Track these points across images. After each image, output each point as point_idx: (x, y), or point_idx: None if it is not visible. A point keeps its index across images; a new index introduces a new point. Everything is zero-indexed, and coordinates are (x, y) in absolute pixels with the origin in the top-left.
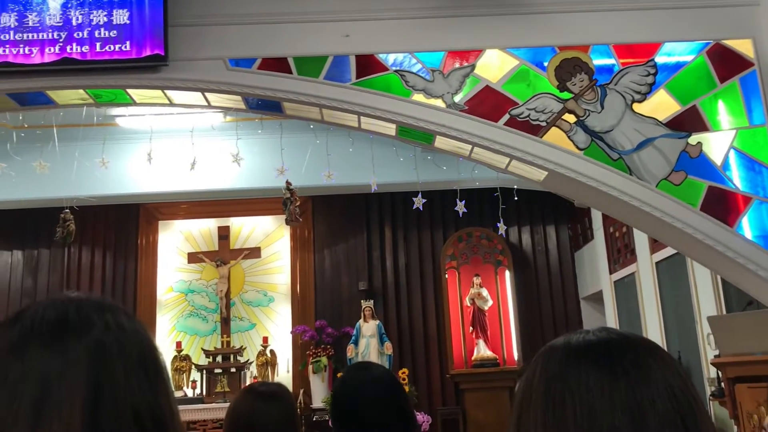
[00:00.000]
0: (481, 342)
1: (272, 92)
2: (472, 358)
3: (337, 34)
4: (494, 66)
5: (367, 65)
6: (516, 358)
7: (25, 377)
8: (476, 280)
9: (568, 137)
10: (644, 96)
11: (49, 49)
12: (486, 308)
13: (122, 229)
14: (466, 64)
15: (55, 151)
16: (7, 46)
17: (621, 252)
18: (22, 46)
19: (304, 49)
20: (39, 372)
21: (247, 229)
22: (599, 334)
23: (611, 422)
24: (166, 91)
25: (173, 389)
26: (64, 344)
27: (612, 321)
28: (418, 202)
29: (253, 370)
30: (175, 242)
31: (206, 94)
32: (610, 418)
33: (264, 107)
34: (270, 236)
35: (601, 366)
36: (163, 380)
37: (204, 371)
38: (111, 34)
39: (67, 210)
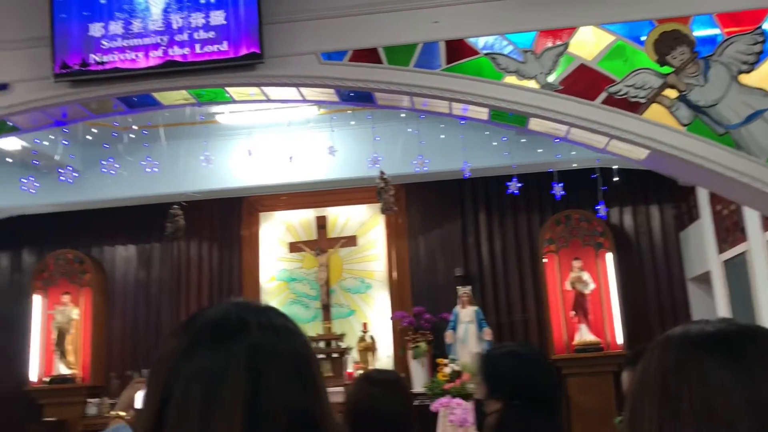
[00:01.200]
0: (583, 326)
1: (363, 83)
2: (574, 342)
3: (425, 21)
4: (589, 43)
5: (457, 50)
6: (620, 342)
7: (194, 377)
8: (576, 264)
9: (671, 113)
10: (752, 66)
11: (153, 53)
12: (587, 292)
13: (226, 221)
14: (559, 42)
15: (163, 150)
16: (116, 52)
17: (729, 231)
18: (128, 51)
19: (394, 39)
20: (205, 373)
21: (343, 218)
22: (719, 324)
23: (731, 418)
24: (262, 87)
25: (325, 388)
26: (226, 346)
27: (722, 302)
28: (513, 186)
29: (355, 355)
30: (276, 233)
31: (300, 88)
32: (731, 414)
33: (356, 99)
34: (365, 225)
35: (721, 358)
36: (315, 381)
37: None
38: (209, 35)
39: (176, 206)
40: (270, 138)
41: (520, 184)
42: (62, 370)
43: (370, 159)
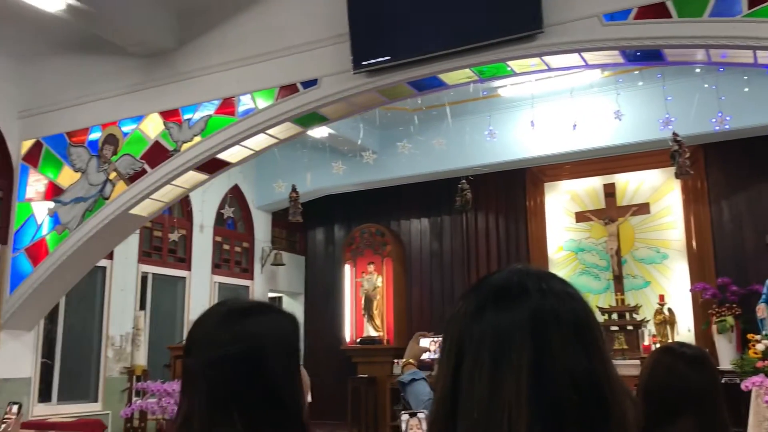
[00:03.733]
0: None
1: (651, 41)
2: None
3: None
4: None
5: None
6: None
7: (483, 339)
8: None
9: None
10: None
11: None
12: None
13: (511, 193)
14: None
15: (449, 128)
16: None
17: None
18: (416, 37)
19: None
20: (492, 335)
21: (633, 184)
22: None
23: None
24: (543, 57)
25: (609, 354)
26: (509, 310)
27: None
28: None
29: (651, 328)
30: (562, 202)
31: (582, 54)
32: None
33: (643, 58)
34: (658, 191)
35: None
36: (597, 345)
37: None
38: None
39: (464, 180)
40: (552, 107)
41: None
42: (371, 332)
43: (662, 120)
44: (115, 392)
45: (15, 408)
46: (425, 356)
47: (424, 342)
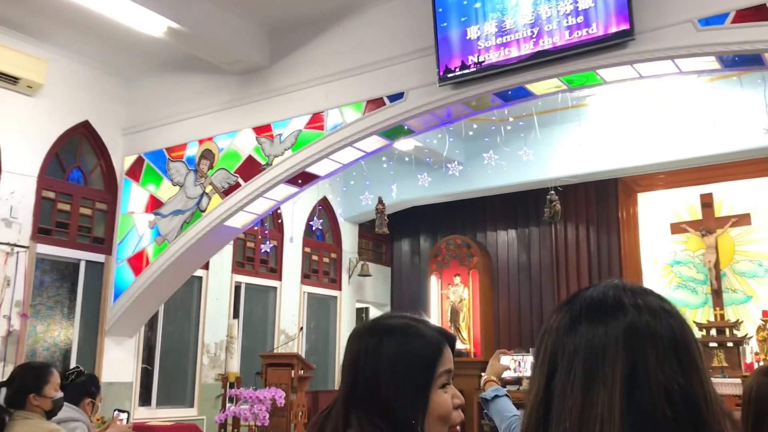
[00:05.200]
0: None
1: (751, 45)
2: None
3: None
4: None
5: None
6: None
7: (576, 353)
8: None
9: None
10: None
11: (525, 47)
12: None
13: (602, 204)
14: None
15: (537, 138)
16: (491, 50)
17: None
18: (502, 48)
19: None
20: (586, 348)
21: (732, 194)
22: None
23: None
24: (634, 65)
25: (707, 372)
26: (604, 325)
27: None
28: None
29: (753, 345)
30: (657, 213)
31: (676, 60)
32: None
33: (741, 63)
34: (761, 201)
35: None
36: (694, 362)
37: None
38: (578, 20)
39: (552, 191)
40: (644, 115)
41: None
42: (457, 344)
43: (764, 128)
44: (210, 398)
45: (123, 416)
46: (506, 374)
47: (505, 360)
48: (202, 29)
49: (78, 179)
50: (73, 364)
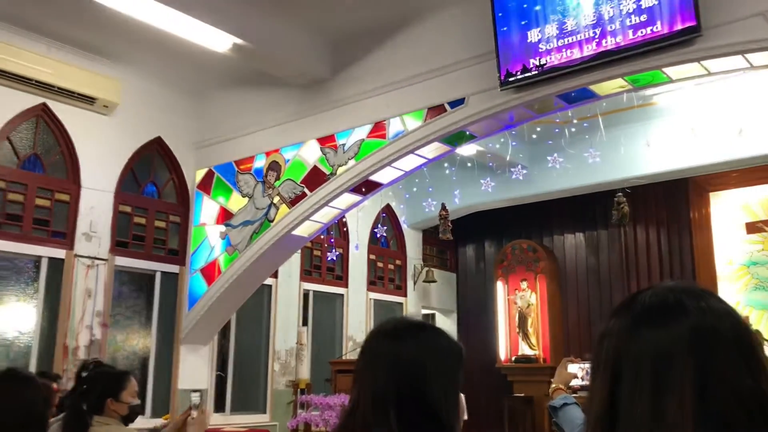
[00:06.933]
0: None
1: None
2: None
3: None
4: None
5: None
6: None
7: (641, 358)
8: None
9: None
10: None
11: (587, 47)
12: None
13: (672, 204)
14: None
15: (602, 139)
16: (552, 53)
17: None
18: (563, 50)
19: None
20: (651, 354)
21: None
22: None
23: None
24: (702, 62)
25: None
26: (668, 328)
27: None
28: None
29: None
30: (730, 213)
31: (746, 55)
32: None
33: None
34: None
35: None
36: (761, 364)
37: None
38: (641, 18)
39: (620, 193)
40: (714, 112)
41: None
42: (526, 350)
43: None
44: (282, 404)
45: (196, 398)
46: (574, 382)
47: (572, 368)
48: (266, 44)
49: (152, 193)
50: (151, 372)
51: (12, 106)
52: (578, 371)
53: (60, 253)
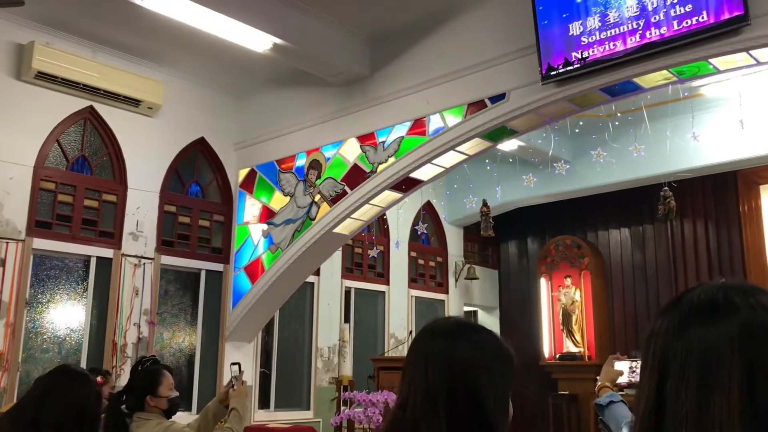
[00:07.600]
0: None
1: None
2: None
3: None
4: None
5: None
6: None
7: (688, 355)
8: None
9: None
10: None
11: (630, 39)
12: None
13: (720, 198)
14: None
15: (647, 132)
16: (595, 46)
17: None
18: (606, 42)
19: None
20: (699, 351)
21: None
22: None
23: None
24: (750, 51)
25: None
26: (717, 326)
27: None
28: None
29: None
30: None
31: None
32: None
33: None
34: None
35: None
36: None
37: None
38: (686, 9)
39: (666, 187)
40: (763, 103)
41: None
42: (570, 347)
43: None
44: (325, 401)
45: (235, 370)
46: (620, 380)
47: (619, 365)
48: (306, 44)
49: (196, 193)
50: (197, 369)
51: (60, 110)
52: (625, 369)
53: (108, 252)
